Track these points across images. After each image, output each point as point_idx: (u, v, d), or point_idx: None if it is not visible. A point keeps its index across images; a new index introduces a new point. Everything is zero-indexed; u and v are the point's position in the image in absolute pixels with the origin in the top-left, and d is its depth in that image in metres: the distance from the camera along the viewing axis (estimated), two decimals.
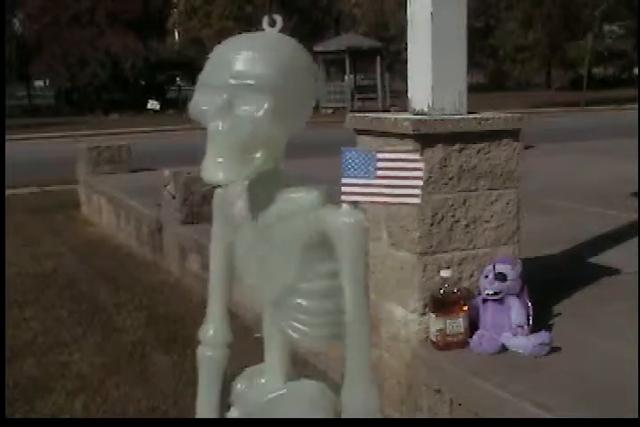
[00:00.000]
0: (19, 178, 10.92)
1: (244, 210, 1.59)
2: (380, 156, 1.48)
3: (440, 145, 3.15)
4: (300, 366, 2.98)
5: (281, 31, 1.54)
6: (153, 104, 31.55)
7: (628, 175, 7.09)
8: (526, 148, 3.89)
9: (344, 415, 1.52)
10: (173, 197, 6.05)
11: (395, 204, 1.52)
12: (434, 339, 3.03)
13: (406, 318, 3.18)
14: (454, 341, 3.02)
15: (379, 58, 25.08)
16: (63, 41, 32.45)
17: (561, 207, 6.14)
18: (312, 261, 1.52)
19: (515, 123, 3.30)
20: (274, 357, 1.70)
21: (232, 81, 1.41)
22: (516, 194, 3.33)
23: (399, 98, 20.24)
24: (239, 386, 1.81)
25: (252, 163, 1.45)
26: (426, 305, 3.12)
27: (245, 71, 1.41)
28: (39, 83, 49.22)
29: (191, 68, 33.17)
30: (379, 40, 28.83)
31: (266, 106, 1.41)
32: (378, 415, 1.51)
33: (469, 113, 3.33)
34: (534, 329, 3.04)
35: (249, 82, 1.41)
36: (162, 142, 17.76)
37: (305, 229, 1.49)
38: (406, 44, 3.43)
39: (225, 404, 1.86)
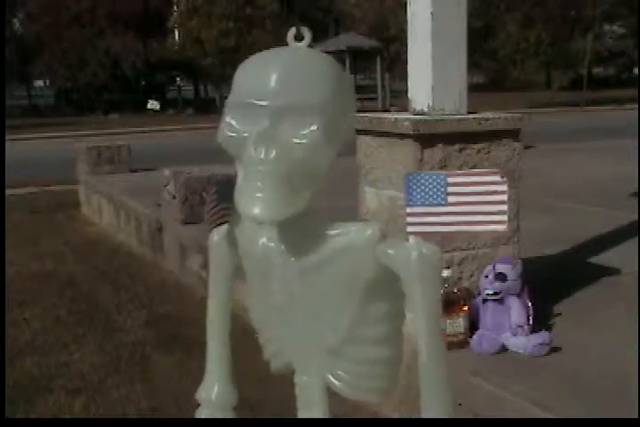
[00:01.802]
0: (19, 178, 10.91)
1: (273, 251, 1.37)
2: (452, 179, 1.28)
3: (440, 145, 3.15)
4: None
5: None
6: (153, 104, 31.55)
7: (628, 175, 7.10)
8: (526, 148, 3.89)
9: None
10: (173, 197, 6.04)
11: (477, 232, 1.32)
12: None
13: (406, 317, 3.17)
14: (454, 341, 3.02)
15: (379, 58, 25.06)
16: (63, 41, 32.45)
17: (561, 207, 6.14)
18: (369, 302, 1.34)
19: (515, 123, 3.30)
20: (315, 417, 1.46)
21: (274, 103, 1.23)
22: (516, 194, 3.33)
23: (399, 98, 20.25)
24: None
25: (298, 198, 1.25)
26: None
27: (289, 92, 1.23)
28: (39, 83, 49.22)
29: (191, 68, 33.21)
30: (379, 40, 28.83)
31: (316, 130, 1.23)
32: None
33: (469, 113, 3.33)
34: (534, 329, 3.04)
35: (294, 104, 1.23)
36: (162, 142, 17.76)
37: (365, 266, 1.30)
38: (406, 44, 3.43)
39: None
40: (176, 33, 32.78)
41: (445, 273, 3.04)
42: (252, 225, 1.38)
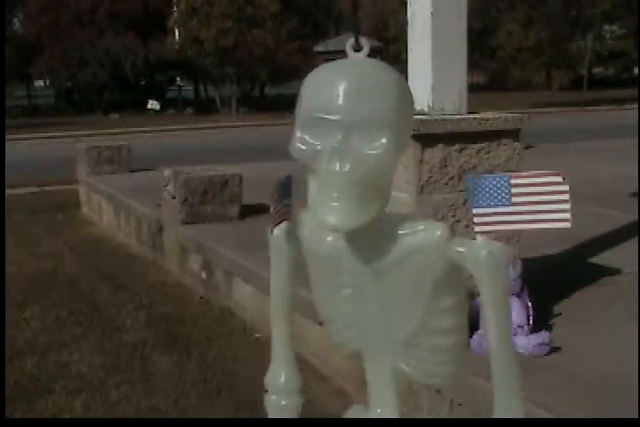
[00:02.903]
0: (19, 178, 10.92)
1: (342, 250, 1.43)
2: (515, 181, 1.36)
3: (440, 145, 3.15)
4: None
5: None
6: (153, 104, 31.57)
7: (628, 175, 7.10)
8: (526, 148, 3.89)
9: None
10: (173, 197, 6.04)
11: (542, 229, 1.38)
12: None
13: None
14: None
15: (379, 58, 25.09)
16: (63, 41, 32.45)
17: None
18: (438, 296, 1.42)
19: (515, 123, 3.30)
20: (385, 402, 1.53)
21: (346, 118, 1.27)
22: None
23: None
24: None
25: (371, 207, 1.31)
26: None
27: (359, 107, 1.28)
28: (39, 83, 49.21)
29: (191, 68, 33.20)
30: (379, 40, 28.85)
31: (386, 142, 1.28)
32: None
33: (469, 113, 3.33)
34: (534, 329, 3.04)
35: (365, 119, 1.28)
36: (162, 142, 17.76)
37: (435, 265, 1.38)
38: (406, 44, 3.43)
39: None
40: (176, 33, 32.77)
41: None
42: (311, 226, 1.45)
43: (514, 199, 1.36)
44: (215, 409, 3.46)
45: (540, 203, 1.35)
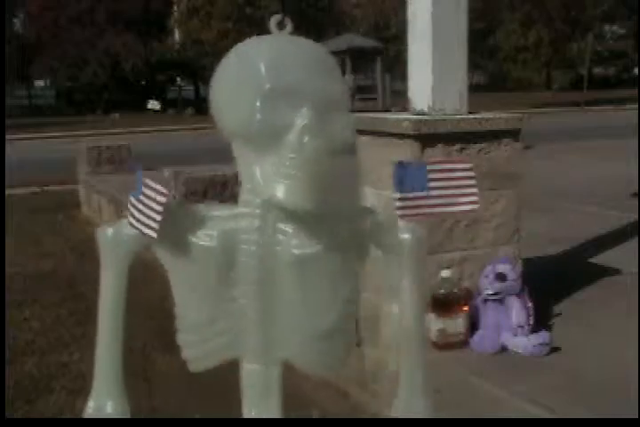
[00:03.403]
0: (19, 178, 10.91)
1: (241, 242, 1.35)
2: (430, 167, 1.43)
3: (440, 145, 3.16)
4: None
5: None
6: (153, 104, 31.59)
7: (627, 175, 7.10)
8: (526, 148, 3.89)
9: None
10: (174, 197, 6.05)
11: (454, 213, 1.49)
12: (434, 339, 3.03)
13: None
14: (454, 341, 3.02)
15: (379, 58, 25.07)
16: (63, 41, 32.46)
17: (561, 207, 6.14)
18: (353, 282, 1.41)
19: (515, 123, 3.30)
20: (269, 404, 1.47)
21: (313, 92, 1.21)
22: (516, 194, 3.33)
23: (399, 98, 20.25)
24: None
25: (322, 193, 1.25)
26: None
27: (326, 81, 1.23)
28: (40, 83, 49.23)
29: (191, 68, 33.22)
30: (379, 40, 28.83)
31: (351, 119, 1.26)
32: None
33: (469, 113, 3.33)
34: (534, 329, 3.04)
35: (333, 94, 1.24)
36: (162, 142, 17.76)
37: (364, 251, 1.38)
38: (406, 44, 3.43)
39: None
40: (176, 33, 32.80)
41: (445, 273, 3.04)
42: (210, 217, 1.39)
43: (430, 184, 1.44)
44: (216, 409, 3.46)
45: (450, 188, 1.45)
